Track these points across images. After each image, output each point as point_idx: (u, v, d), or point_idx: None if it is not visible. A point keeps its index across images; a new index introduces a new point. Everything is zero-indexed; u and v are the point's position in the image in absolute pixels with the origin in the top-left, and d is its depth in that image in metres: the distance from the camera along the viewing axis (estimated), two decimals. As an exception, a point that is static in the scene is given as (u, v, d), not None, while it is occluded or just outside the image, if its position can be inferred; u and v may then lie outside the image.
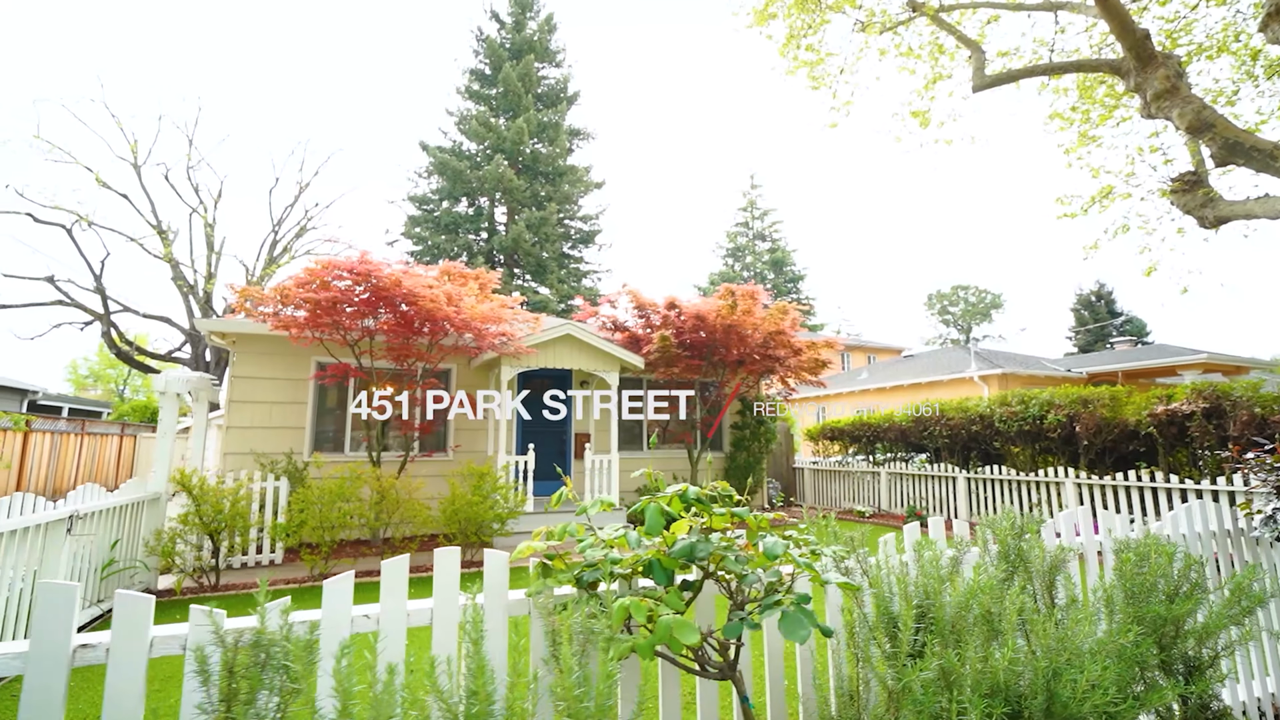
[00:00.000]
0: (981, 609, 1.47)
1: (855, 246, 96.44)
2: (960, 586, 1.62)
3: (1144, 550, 1.74)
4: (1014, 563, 1.75)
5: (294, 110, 50.43)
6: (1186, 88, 6.20)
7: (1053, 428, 8.66)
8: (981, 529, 2.11)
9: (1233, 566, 3.62)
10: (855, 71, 10.24)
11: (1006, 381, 15.45)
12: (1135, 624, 1.59)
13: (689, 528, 1.95)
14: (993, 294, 64.46)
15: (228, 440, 8.69)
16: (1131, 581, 1.64)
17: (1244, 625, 1.77)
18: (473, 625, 1.29)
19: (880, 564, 1.82)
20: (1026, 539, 1.81)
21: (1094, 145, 10.50)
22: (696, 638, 1.34)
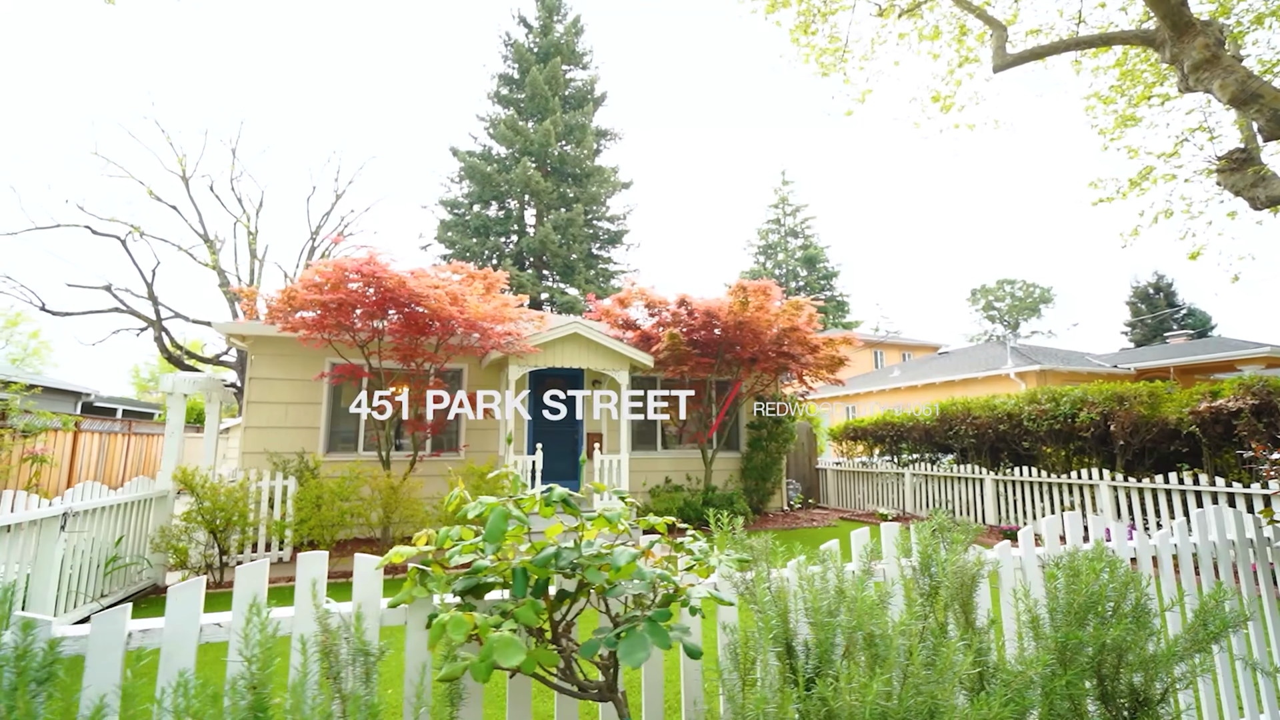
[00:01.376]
0: (864, 632, 1.28)
1: (893, 241, 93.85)
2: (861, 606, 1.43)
3: (1077, 566, 1.50)
4: (939, 578, 1.54)
5: (330, 120, 52.13)
6: (1229, 57, 5.69)
7: (1085, 426, 8.12)
8: (905, 537, 1.89)
9: (1256, 582, 3.25)
10: (874, 57, 9.90)
11: (1045, 378, 14.66)
12: (1063, 651, 1.37)
13: (590, 532, 1.81)
14: (1041, 288, 61.73)
15: (246, 440, 8.93)
16: (1054, 602, 1.41)
17: (1208, 653, 1.51)
18: (258, 643, 1.17)
19: (784, 578, 1.63)
20: (950, 548, 1.59)
21: (1132, 125, 9.87)
22: (520, 657, 1.20)
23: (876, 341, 29.33)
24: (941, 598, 1.46)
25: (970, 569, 1.44)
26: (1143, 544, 2.87)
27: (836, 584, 1.51)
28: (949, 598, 1.45)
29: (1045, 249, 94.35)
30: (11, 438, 11.80)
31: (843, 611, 1.43)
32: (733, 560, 1.60)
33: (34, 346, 43.62)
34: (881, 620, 1.28)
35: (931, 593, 1.59)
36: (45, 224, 22.68)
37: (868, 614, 1.28)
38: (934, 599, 1.51)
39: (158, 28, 48.57)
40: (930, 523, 1.73)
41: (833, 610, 1.37)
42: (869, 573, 1.59)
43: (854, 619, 1.31)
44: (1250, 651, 2.83)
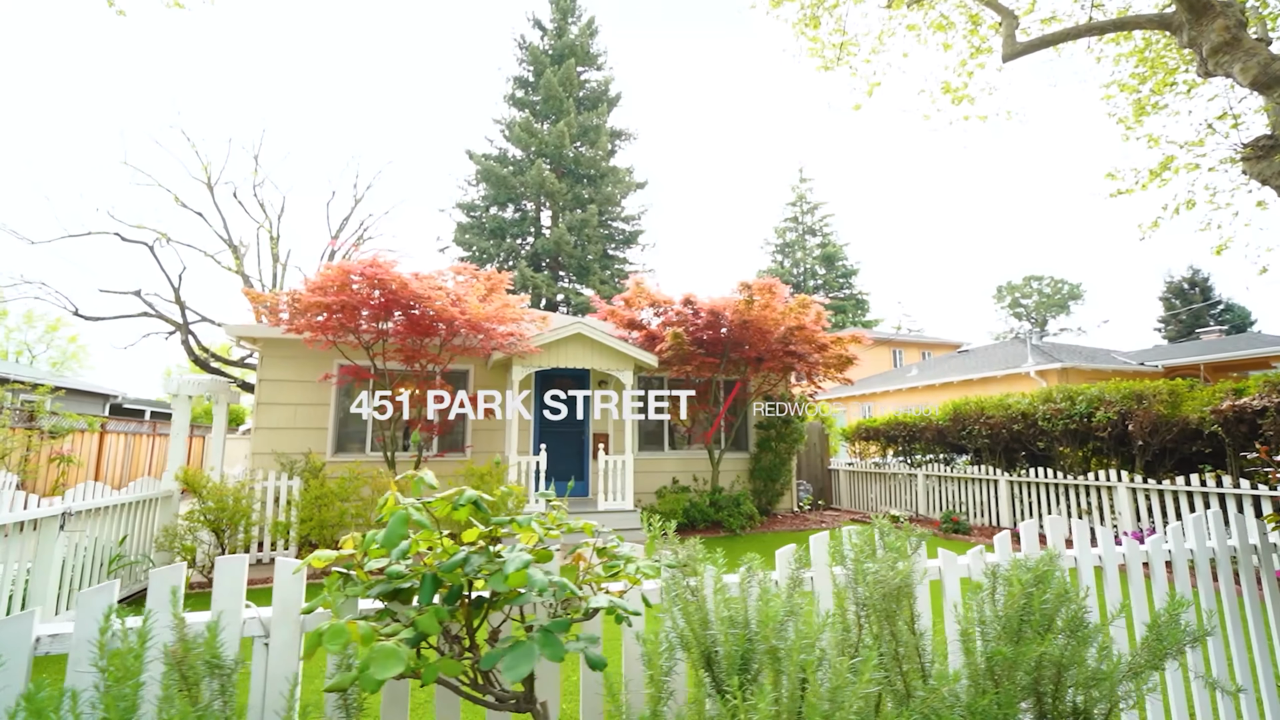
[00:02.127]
0: (768, 645, 1.21)
1: (915, 238, 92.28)
2: (774, 615, 1.35)
3: (1008, 577, 1.40)
4: (873, 588, 1.46)
5: (349, 126, 53.02)
6: (1250, 39, 5.45)
7: (1102, 426, 7.84)
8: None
9: (1260, 591, 3.07)
10: (884, 49, 9.72)
11: (1067, 376, 14.23)
12: (992, 667, 1.28)
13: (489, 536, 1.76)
14: (1070, 284, 60.17)
15: (255, 441, 9.08)
16: (980, 614, 1.32)
17: (1161, 670, 1.40)
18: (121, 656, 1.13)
19: (700, 587, 1.56)
20: (881, 557, 1.50)
21: (1156, 111, 9.53)
22: (397, 668, 1.15)
23: (895, 340, 28.84)
24: (870, 610, 1.38)
25: (892, 579, 1.35)
26: (1132, 550, 2.73)
27: (759, 593, 1.43)
28: (871, 610, 1.36)
29: (1074, 243, 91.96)
30: (39, 438, 12.19)
31: (754, 623, 1.36)
32: (648, 567, 1.53)
33: (73, 350, 45.14)
34: (788, 633, 1.20)
35: (864, 603, 1.50)
36: (78, 231, 23.42)
37: (769, 626, 1.21)
38: (868, 610, 1.43)
39: (183, 39, 49.94)
40: (871, 527, 1.64)
41: (736, 621, 1.30)
42: (797, 581, 1.51)
43: (760, 631, 1.24)
44: (1231, 667, 2.68)
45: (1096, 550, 2.70)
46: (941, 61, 9.61)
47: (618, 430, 10.71)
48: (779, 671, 1.18)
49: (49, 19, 43.66)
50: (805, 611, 1.49)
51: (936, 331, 62.30)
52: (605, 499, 9.25)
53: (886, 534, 1.58)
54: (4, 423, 10.64)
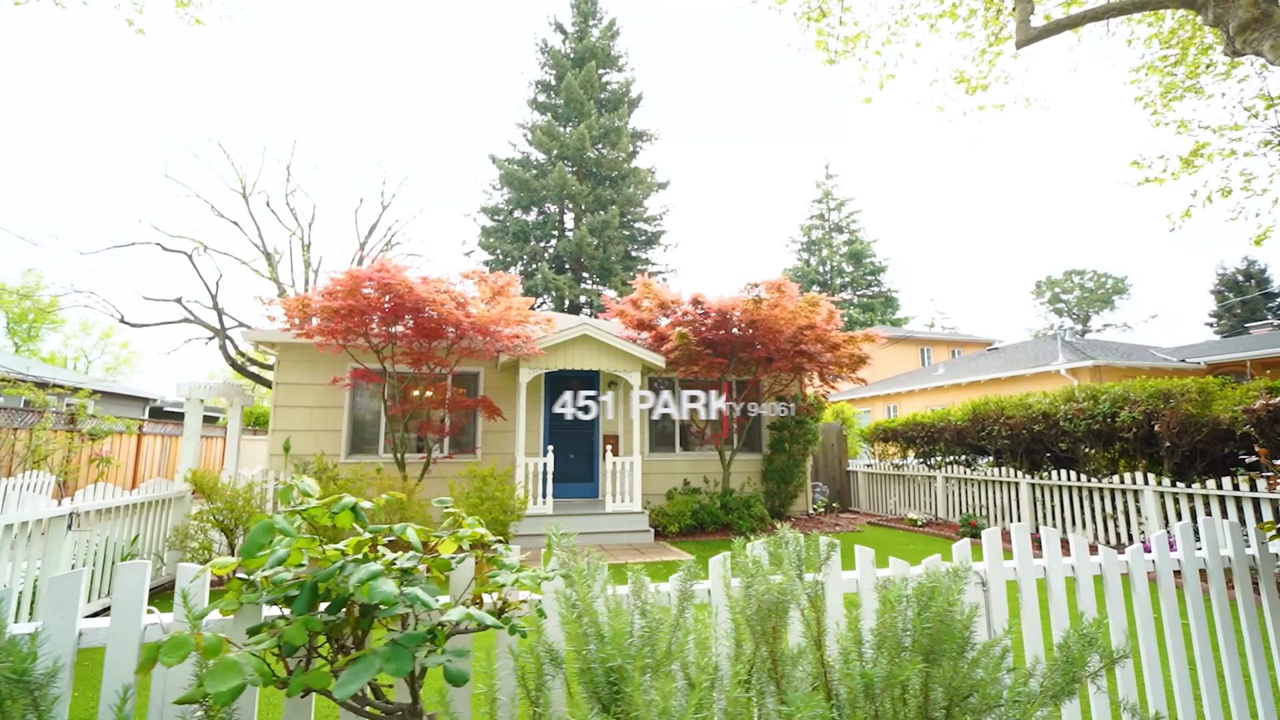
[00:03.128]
0: (619, 662, 1.15)
1: (948, 233, 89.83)
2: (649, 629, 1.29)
3: (885, 595, 1.30)
4: (745, 603, 1.38)
5: (377, 135, 54.21)
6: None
7: (1126, 426, 7.47)
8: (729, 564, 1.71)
9: (1257, 596, 2.86)
10: (898, 40, 9.49)
11: (1099, 374, 13.63)
12: (869, 690, 1.19)
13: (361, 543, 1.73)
14: (1115, 278, 57.75)
15: (273, 442, 9.32)
16: (855, 633, 1.22)
17: (1070, 697, 1.29)
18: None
19: (584, 599, 1.50)
20: (772, 569, 1.42)
21: (1187, 95, 9.07)
22: (233, 682, 1.13)
23: (923, 338, 28.10)
24: (751, 626, 1.30)
25: (768, 595, 1.27)
26: (1110, 561, 2.57)
27: (640, 606, 1.37)
28: (752, 627, 1.28)
29: (1118, 235, 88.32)
30: (79, 440, 12.76)
31: (637, 638, 1.30)
32: (529, 579, 1.48)
33: (124, 356, 47.34)
34: (658, 649, 1.13)
35: (768, 617, 1.43)
36: (122, 242, 24.53)
37: (619, 643, 1.15)
38: (765, 625, 1.35)
39: (217, 55, 51.98)
40: (776, 537, 1.56)
41: (606, 636, 1.24)
42: (688, 595, 1.45)
43: (614, 647, 1.18)
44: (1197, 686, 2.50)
45: (1069, 560, 2.55)
46: (958, 51, 9.29)
47: (627, 431, 10.67)
48: (637, 688, 1.12)
49: (94, 41, 45.90)
50: (696, 626, 1.42)
51: (971, 329, 60.57)
52: (613, 501, 9.22)
53: (786, 545, 1.50)
54: (44, 425, 11.17)
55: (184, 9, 8.93)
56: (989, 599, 2.40)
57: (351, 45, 56.99)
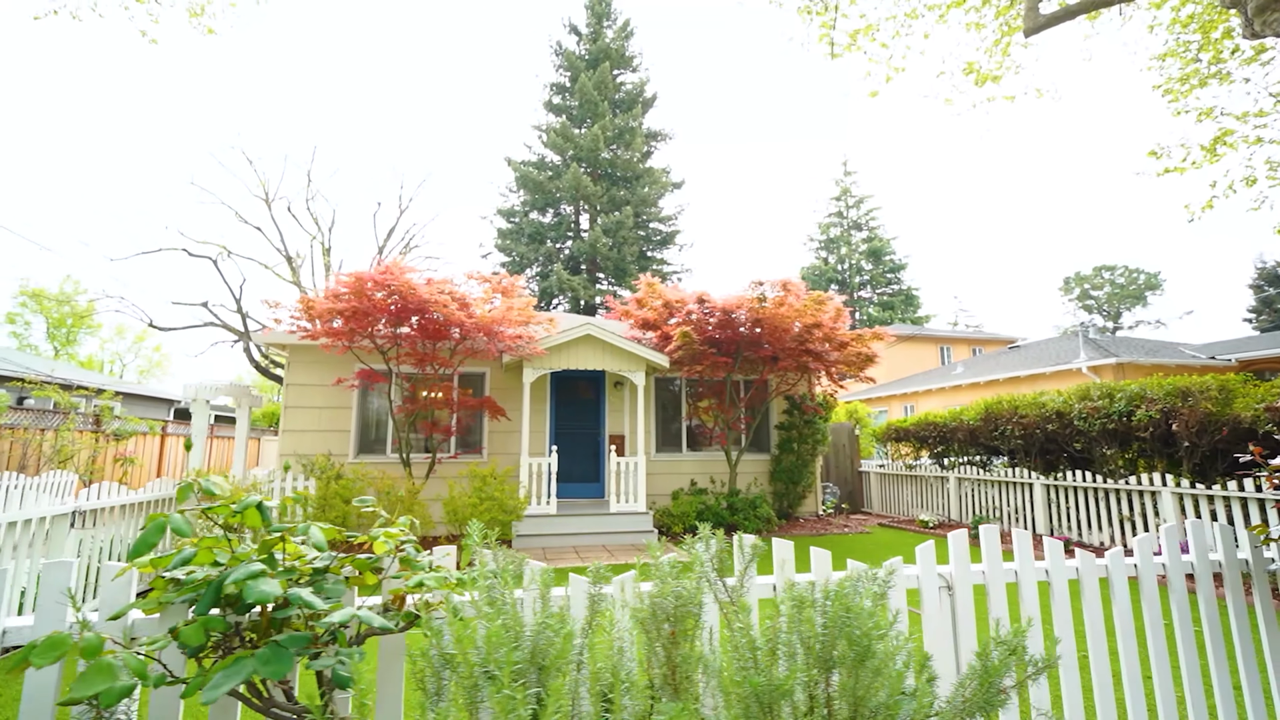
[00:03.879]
0: (495, 665, 1.11)
1: (971, 229, 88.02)
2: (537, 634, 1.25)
3: (781, 598, 1.23)
4: (671, 610, 1.32)
5: (394, 139, 54.90)
6: (1301, -6, 4.93)
7: (1142, 425, 7.20)
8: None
9: (1251, 609, 2.71)
10: (908, 33, 9.32)
11: (1123, 371, 13.19)
12: (750, 704, 1.13)
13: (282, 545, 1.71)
14: (1147, 273, 56.01)
15: (283, 443, 9.48)
16: (745, 640, 1.16)
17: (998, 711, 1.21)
18: None
19: (519, 600, 1.47)
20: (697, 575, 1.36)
21: (1210, 82, 8.76)
22: (99, 686, 1.12)
23: (943, 336, 27.54)
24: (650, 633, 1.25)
25: (662, 600, 1.22)
26: (1087, 565, 2.45)
27: (542, 610, 1.33)
28: (648, 631, 1.23)
29: (1150, 229, 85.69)
30: (104, 441, 13.13)
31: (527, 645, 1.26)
32: (434, 580, 1.44)
33: (157, 359, 48.77)
34: (549, 654, 1.09)
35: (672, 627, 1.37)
36: (150, 249, 25.25)
37: (493, 645, 1.10)
38: (662, 631, 1.30)
39: (238, 63, 53.31)
40: (694, 541, 1.51)
41: (494, 641, 1.20)
42: (598, 599, 1.40)
43: (487, 653, 1.14)
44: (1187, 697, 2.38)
45: (1042, 564, 2.44)
46: (965, 42, 9.10)
47: (632, 432, 10.63)
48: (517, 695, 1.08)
49: (119, 52, 47.38)
50: (600, 630, 1.38)
51: (995, 327, 59.33)
52: (617, 501, 9.18)
53: (708, 549, 1.45)
54: (69, 426, 11.50)
55: (197, 19, 9.14)
56: (955, 605, 2.31)
57: (368, 51, 57.93)
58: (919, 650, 1.32)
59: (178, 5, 9.05)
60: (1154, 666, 2.42)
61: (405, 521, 1.88)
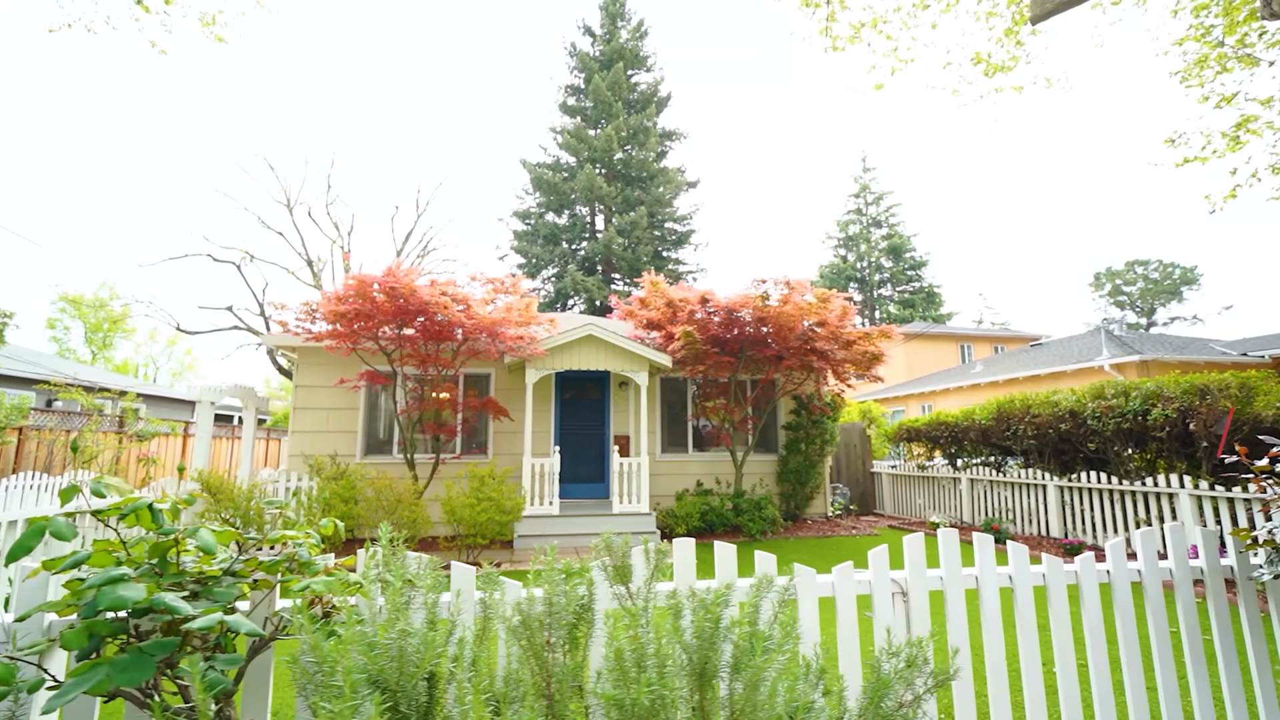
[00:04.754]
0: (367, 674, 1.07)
1: (995, 225, 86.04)
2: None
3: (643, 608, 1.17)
4: (542, 617, 1.27)
5: (411, 143, 55.62)
6: (1322, -30, 4.71)
7: (1159, 425, 6.93)
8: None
9: (1237, 620, 2.56)
10: (916, 23, 9.15)
11: (1147, 369, 12.73)
12: (615, 709, 1.08)
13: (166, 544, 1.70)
14: (1182, 267, 54.19)
15: (292, 443, 9.64)
16: (615, 648, 1.10)
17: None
18: None
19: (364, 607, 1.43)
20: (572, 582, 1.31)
21: (1236, 65, 8.42)
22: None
23: (964, 334, 26.93)
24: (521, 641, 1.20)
25: (530, 607, 1.17)
26: (1054, 571, 2.34)
27: (425, 618, 1.30)
28: (519, 640, 1.18)
29: (1186, 222, 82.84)
30: (127, 441, 13.53)
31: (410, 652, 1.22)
32: (322, 584, 1.42)
33: (188, 362, 50.20)
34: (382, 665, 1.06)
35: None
36: (176, 255, 25.95)
37: (336, 654, 1.07)
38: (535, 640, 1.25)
39: (262, 72, 54.51)
40: (596, 552, 1.45)
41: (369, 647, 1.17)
42: (489, 605, 1.35)
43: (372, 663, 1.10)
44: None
45: (1005, 569, 2.33)
46: (971, 31, 8.89)
47: (636, 432, 10.58)
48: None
49: (143, 64, 48.86)
50: (492, 639, 1.33)
51: (1021, 325, 58.04)
52: (621, 501, 9.14)
53: (610, 552, 1.39)
54: (92, 428, 11.86)
55: (209, 28, 9.33)
56: (910, 611, 2.22)
57: (385, 57, 58.78)
58: (831, 661, 1.25)
59: (189, 15, 9.25)
60: (1126, 679, 2.29)
61: (328, 523, 1.86)
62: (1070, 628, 2.30)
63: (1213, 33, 8.52)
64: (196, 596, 1.41)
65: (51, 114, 51.56)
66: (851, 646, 2.10)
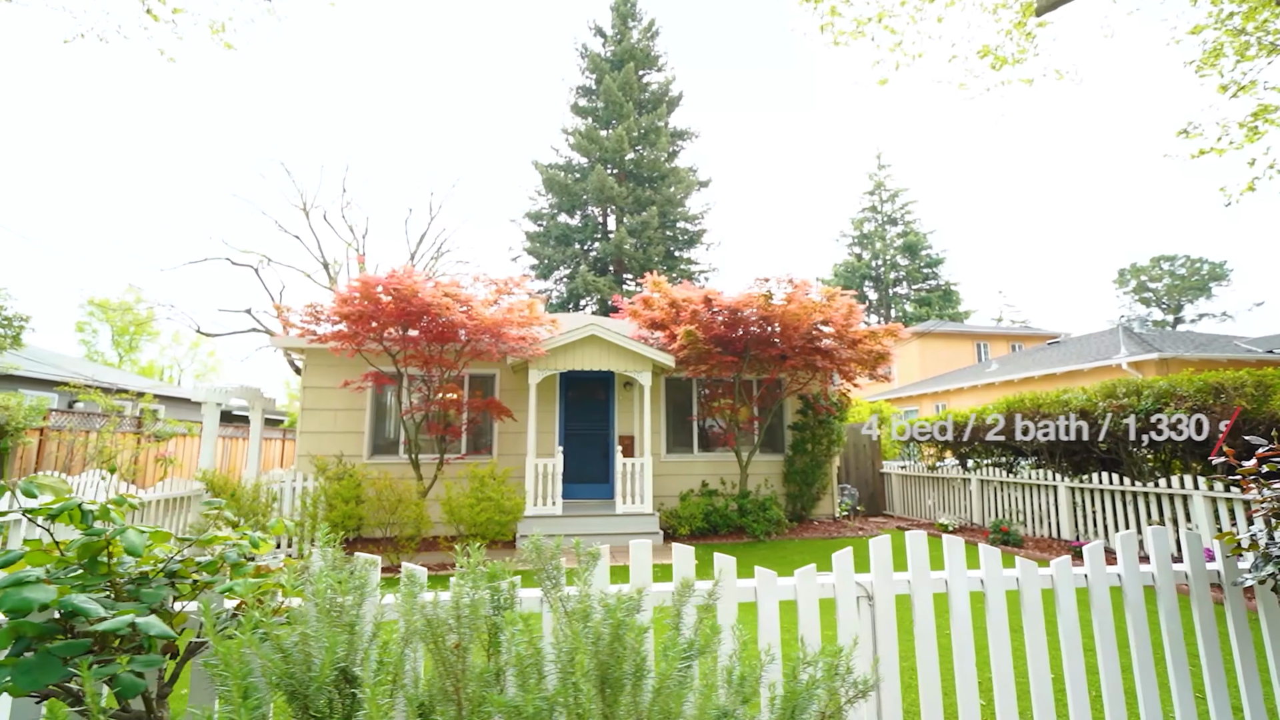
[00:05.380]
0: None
1: (1015, 222, 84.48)
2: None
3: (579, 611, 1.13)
4: (444, 620, 1.24)
5: (424, 147, 55.83)
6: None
7: (1172, 424, 6.73)
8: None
9: (1224, 632, 2.46)
10: (923, 17, 9.03)
11: (1167, 367, 12.39)
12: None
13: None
14: (1211, 263, 52.77)
15: (301, 444, 9.77)
16: (508, 655, 1.07)
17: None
18: None
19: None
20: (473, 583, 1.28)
21: (1261, 55, 8.17)
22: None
23: (980, 333, 26.46)
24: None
25: (432, 610, 1.14)
26: (1028, 576, 2.26)
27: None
28: (425, 642, 1.16)
29: (1216, 216, 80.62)
30: (145, 442, 13.82)
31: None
32: (245, 585, 1.41)
33: (211, 364, 51.25)
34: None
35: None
36: (196, 258, 26.48)
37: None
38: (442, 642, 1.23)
39: (275, 78, 55.34)
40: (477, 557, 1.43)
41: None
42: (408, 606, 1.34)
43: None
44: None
45: (976, 573, 2.27)
46: (979, 23, 8.76)
47: (639, 432, 10.55)
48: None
49: (158, 72, 49.91)
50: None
51: (1041, 323, 57.06)
52: (624, 502, 9.13)
53: (537, 553, 1.37)
54: (111, 428, 12.13)
55: (219, 35, 9.47)
56: (875, 615, 2.17)
57: (397, 61, 59.26)
58: (748, 667, 1.21)
59: (199, 22, 9.39)
60: (1104, 687, 2.21)
61: (276, 523, 1.86)
62: (1045, 633, 2.23)
63: (1233, 19, 8.27)
64: (124, 598, 1.41)
65: (72, 122, 52.91)
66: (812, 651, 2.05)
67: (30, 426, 10.15)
